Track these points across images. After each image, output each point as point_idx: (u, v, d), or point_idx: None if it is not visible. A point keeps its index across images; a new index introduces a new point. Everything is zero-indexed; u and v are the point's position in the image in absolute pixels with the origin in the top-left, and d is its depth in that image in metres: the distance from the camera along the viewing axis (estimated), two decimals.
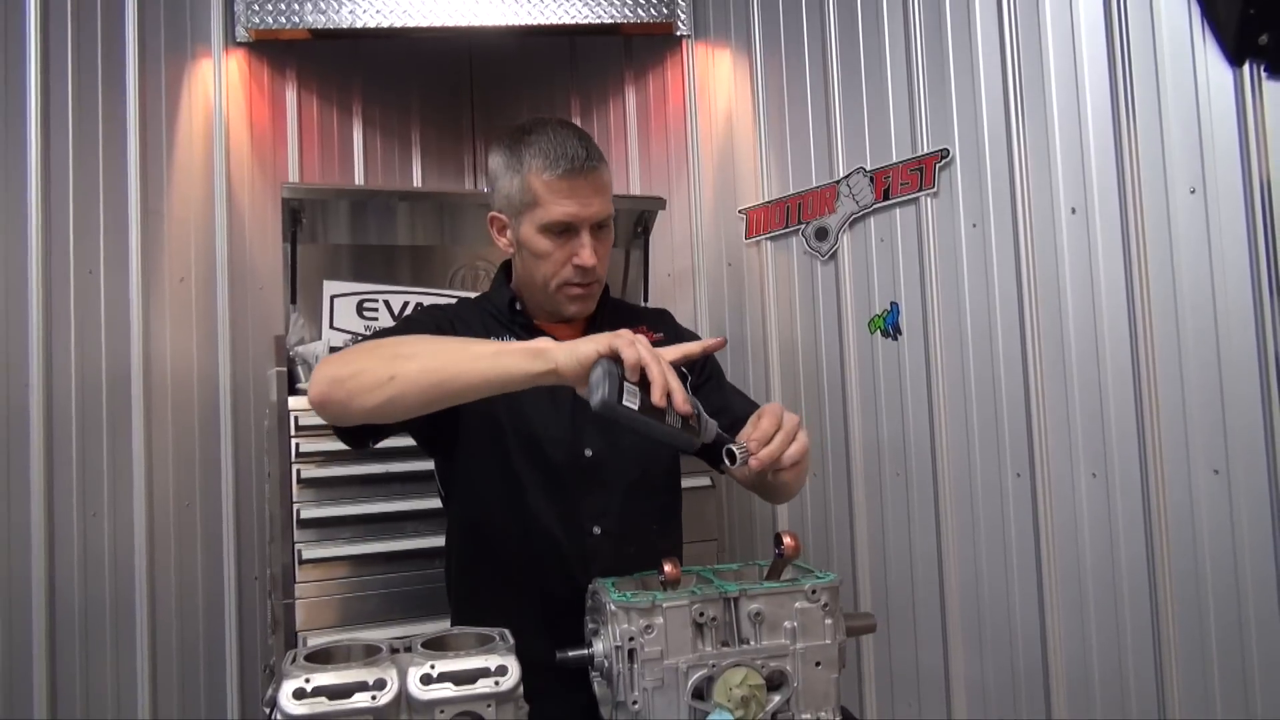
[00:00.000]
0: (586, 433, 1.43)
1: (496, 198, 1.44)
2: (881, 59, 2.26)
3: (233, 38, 2.66)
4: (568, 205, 1.35)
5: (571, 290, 1.42)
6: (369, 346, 1.26)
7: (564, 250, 1.38)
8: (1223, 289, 1.60)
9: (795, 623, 1.12)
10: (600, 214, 1.38)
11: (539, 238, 1.38)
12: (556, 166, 1.34)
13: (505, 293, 1.51)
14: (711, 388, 1.54)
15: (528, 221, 1.39)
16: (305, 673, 0.97)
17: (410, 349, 1.20)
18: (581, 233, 1.37)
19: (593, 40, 3.02)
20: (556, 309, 1.45)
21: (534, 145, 1.36)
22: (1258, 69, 1.56)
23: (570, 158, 1.34)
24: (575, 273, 1.39)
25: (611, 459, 1.43)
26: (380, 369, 1.16)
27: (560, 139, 1.36)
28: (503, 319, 1.49)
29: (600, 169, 1.38)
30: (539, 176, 1.35)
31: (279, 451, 2.10)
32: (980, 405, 2.03)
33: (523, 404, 1.39)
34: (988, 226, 2.01)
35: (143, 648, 2.30)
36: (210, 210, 2.58)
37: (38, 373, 2.11)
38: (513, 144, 1.39)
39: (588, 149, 1.36)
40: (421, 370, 1.16)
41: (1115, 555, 1.77)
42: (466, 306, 1.56)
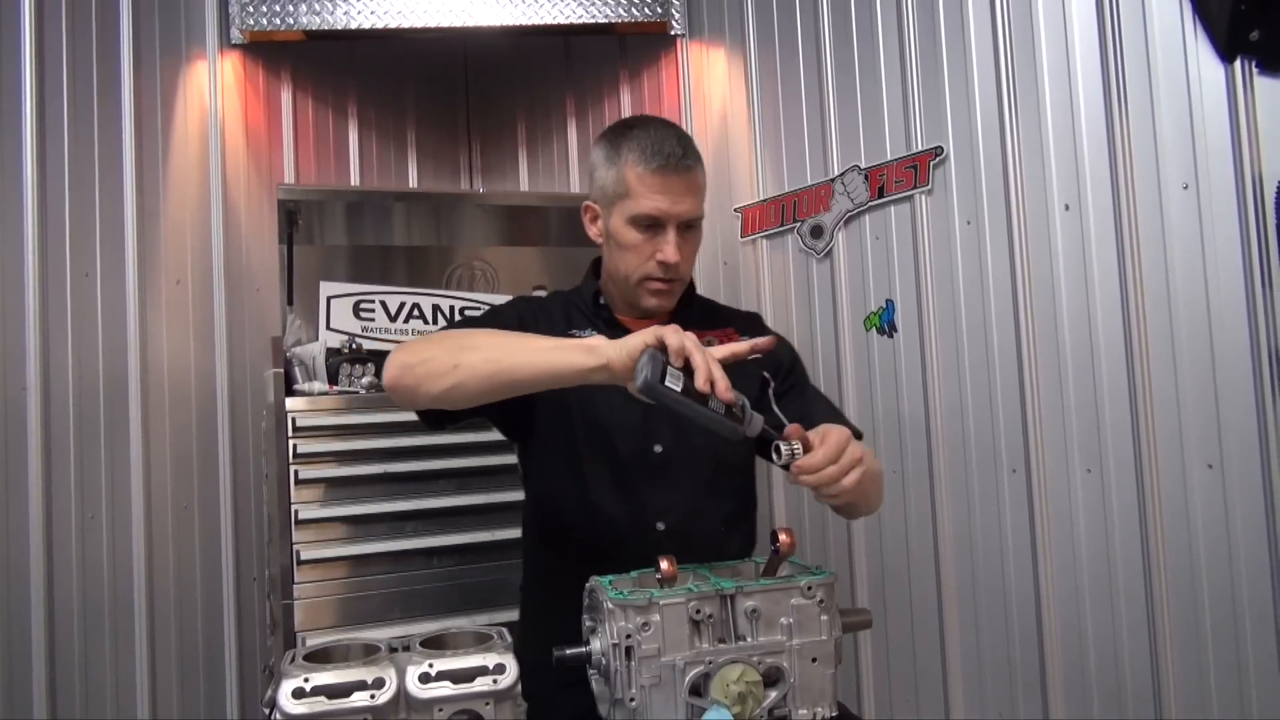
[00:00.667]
0: (657, 429, 1.44)
1: (594, 188, 1.49)
2: (875, 57, 2.27)
3: (227, 40, 2.66)
4: (658, 200, 1.38)
5: (652, 285, 1.44)
6: (441, 336, 1.31)
7: (650, 244, 1.41)
8: (1216, 284, 1.61)
9: (791, 619, 1.13)
10: (689, 213, 1.41)
11: (627, 229, 1.42)
12: (651, 161, 1.38)
13: (591, 286, 1.56)
14: (794, 396, 1.54)
15: (618, 212, 1.43)
16: (304, 672, 0.98)
17: (476, 341, 1.26)
18: (668, 229, 1.40)
19: (587, 40, 3.02)
20: (637, 302, 1.47)
21: (634, 140, 1.41)
22: (1249, 65, 1.57)
23: (666, 154, 1.38)
24: (658, 268, 1.42)
25: (681, 456, 1.44)
26: (446, 358, 1.22)
27: (659, 136, 1.40)
28: (586, 311, 1.53)
29: (695, 169, 1.42)
30: (633, 169, 1.39)
31: (276, 452, 2.10)
32: (975, 402, 2.04)
33: (595, 398, 1.41)
34: (982, 223, 2.01)
35: (142, 649, 2.30)
36: (206, 212, 2.58)
37: (35, 376, 2.11)
38: (614, 138, 1.44)
39: (684, 148, 1.40)
40: (483, 361, 1.21)
41: (1110, 550, 1.78)
42: (555, 299, 1.61)
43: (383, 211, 2.57)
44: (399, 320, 2.44)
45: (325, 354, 2.29)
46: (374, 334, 2.39)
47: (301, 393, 2.18)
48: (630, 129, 1.44)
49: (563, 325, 1.49)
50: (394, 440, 2.16)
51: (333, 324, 2.37)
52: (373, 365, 2.29)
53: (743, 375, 1.49)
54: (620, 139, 1.43)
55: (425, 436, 2.18)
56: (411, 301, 2.46)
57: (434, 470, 2.18)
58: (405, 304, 2.46)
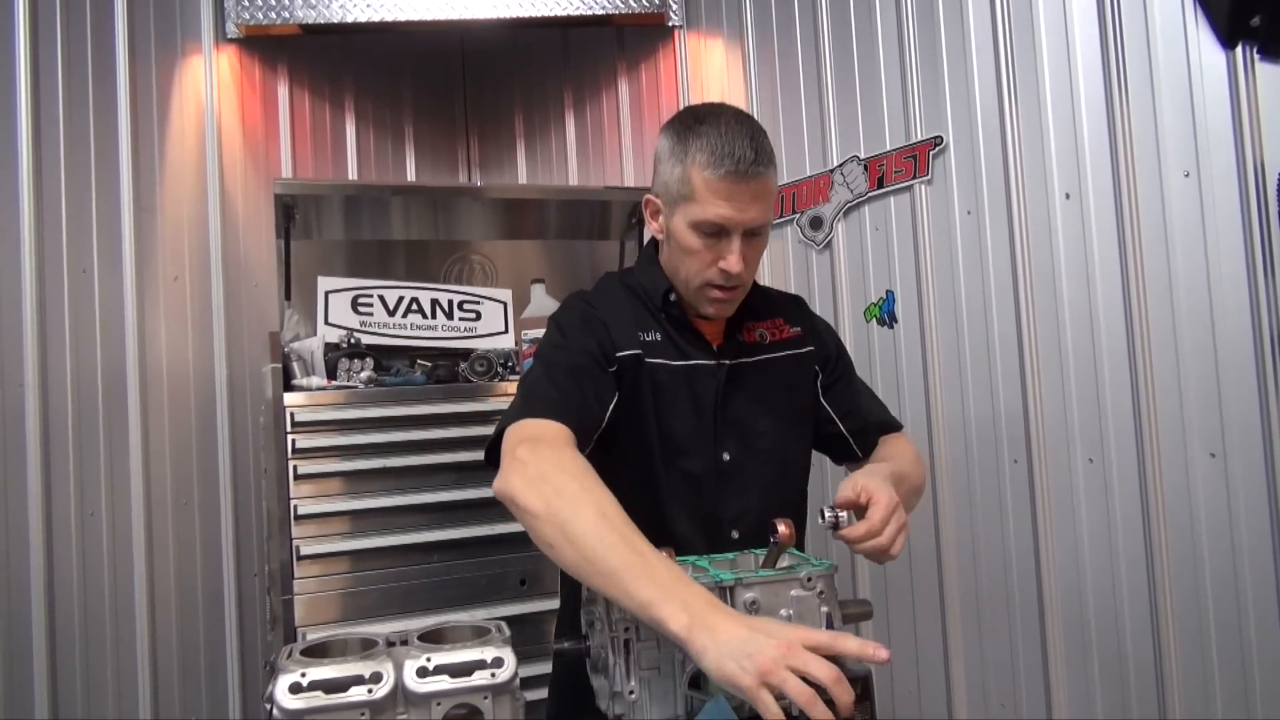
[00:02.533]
0: (725, 437, 1.40)
1: (656, 181, 1.39)
2: (874, 46, 2.26)
3: (223, 34, 2.65)
4: (723, 208, 1.29)
5: (713, 292, 1.36)
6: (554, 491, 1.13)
7: (712, 251, 1.33)
8: (1218, 272, 1.60)
9: (791, 611, 1.12)
10: (756, 221, 1.32)
11: (689, 233, 1.33)
12: (720, 166, 1.27)
13: (660, 280, 1.43)
14: (842, 388, 1.52)
15: (681, 214, 1.33)
16: (301, 667, 0.97)
17: (577, 545, 1.09)
18: (733, 237, 1.31)
19: (585, 31, 3.00)
20: (696, 307, 1.41)
21: (703, 138, 1.30)
22: (1250, 51, 1.56)
23: (737, 159, 1.27)
24: (720, 275, 1.34)
25: (748, 461, 1.41)
26: (546, 535, 1.11)
27: (731, 137, 1.28)
28: (654, 308, 1.43)
29: (766, 175, 1.30)
30: (700, 172, 1.29)
31: (275, 448, 2.10)
32: (976, 392, 2.03)
33: (667, 408, 1.37)
34: (982, 213, 2.00)
35: (143, 647, 2.30)
36: (203, 207, 2.57)
37: (33, 373, 2.11)
38: (682, 131, 1.33)
39: (757, 151, 1.29)
40: (579, 562, 1.09)
41: (1113, 539, 1.78)
42: (613, 297, 1.45)
43: (380, 205, 2.56)
44: (397, 315, 2.43)
45: (324, 349, 2.28)
46: (372, 329, 2.39)
47: (300, 388, 2.17)
48: (700, 123, 1.31)
49: (630, 329, 1.39)
50: (393, 435, 2.16)
51: (331, 319, 2.37)
52: (371, 360, 2.28)
53: (800, 374, 1.48)
54: (689, 134, 1.31)
55: (424, 431, 2.18)
56: (410, 296, 2.46)
57: (433, 465, 2.17)
58: (404, 298, 2.45)
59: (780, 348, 1.47)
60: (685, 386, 1.39)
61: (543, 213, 2.72)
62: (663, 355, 1.39)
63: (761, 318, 1.48)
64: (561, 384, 1.29)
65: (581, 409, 1.27)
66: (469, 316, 2.49)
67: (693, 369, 1.40)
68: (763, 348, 1.46)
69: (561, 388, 1.28)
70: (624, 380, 1.35)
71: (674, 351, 1.40)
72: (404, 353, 2.40)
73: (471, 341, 2.45)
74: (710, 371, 1.40)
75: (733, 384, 1.41)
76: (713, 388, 1.39)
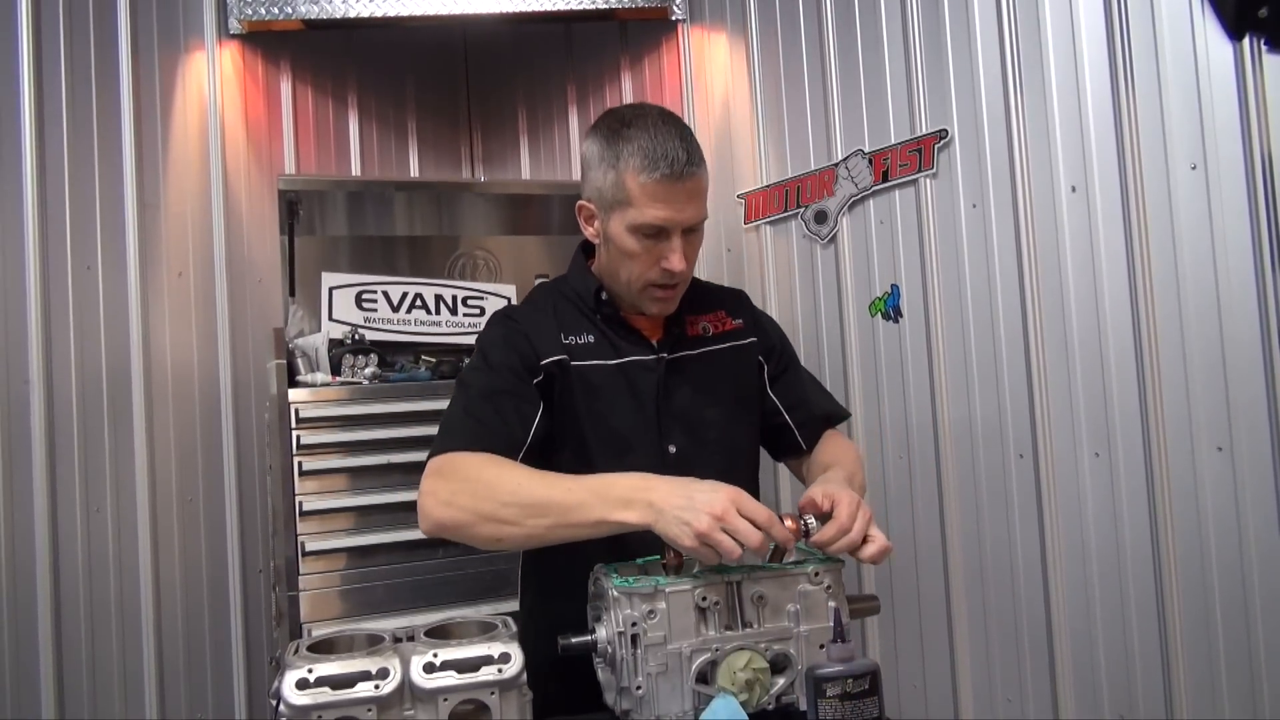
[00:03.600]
0: (670, 430, 1.40)
1: (587, 186, 1.38)
2: (878, 39, 2.25)
3: (226, 30, 2.65)
4: (661, 210, 1.29)
5: (656, 292, 1.36)
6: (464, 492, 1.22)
7: (652, 253, 1.33)
8: (1224, 265, 1.59)
9: (798, 605, 1.12)
10: (693, 219, 1.33)
11: (628, 237, 1.33)
12: (654, 169, 1.28)
13: (590, 280, 1.44)
14: (789, 380, 1.53)
15: (618, 219, 1.33)
16: (308, 663, 0.97)
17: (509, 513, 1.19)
18: (673, 236, 1.32)
19: (588, 26, 3.00)
20: (639, 307, 1.41)
21: (633, 142, 1.30)
22: (1258, 42, 1.55)
23: (670, 160, 1.28)
24: (662, 275, 1.34)
25: (696, 453, 1.41)
26: (487, 530, 1.20)
27: (661, 139, 1.29)
28: (586, 309, 1.44)
29: (699, 173, 1.31)
30: (635, 177, 1.29)
31: (280, 444, 2.10)
32: (982, 386, 2.03)
33: (605, 408, 1.37)
34: (988, 206, 2.00)
35: (149, 643, 2.30)
36: (207, 204, 2.57)
37: (38, 370, 2.11)
38: (610, 136, 1.33)
39: (688, 151, 1.29)
40: (525, 537, 1.20)
41: (1119, 534, 1.77)
42: (538, 306, 1.47)
43: (384, 201, 2.56)
44: (401, 310, 2.43)
45: (328, 345, 2.28)
46: (376, 324, 2.39)
47: (304, 384, 2.17)
48: (628, 126, 1.32)
49: (553, 330, 1.39)
50: (397, 430, 2.16)
51: (335, 315, 2.37)
52: (375, 356, 2.28)
53: (744, 365, 1.49)
54: (617, 139, 1.32)
55: (428, 427, 2.17)
56: (414, 291, 2.46)
57: None
58: (407, 294, 2.45)
59: (723, 339, 1.48)
60: (623, 383, 1.39)
61: (546, 208, 2.72)
62: (595, 356, 1.39)
63: (703, 311, 1.49)
64: (477, 411, 1.31)
65: (497, 433, 1.28)
66: (473, 312, 2.49)
67: (629, 365, 1.39)
68: (705, 340, 1.46)
69: (477, 415, 1.31)
70: (553, 387, 1.36)
71: (609, 350, 1.40)
72: (408, 348, 2.40)
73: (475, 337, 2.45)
74: (648, 366, 1.40)
75: (674, 376, 1.41)
76: (652, 382, 1.39)
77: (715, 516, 1.05)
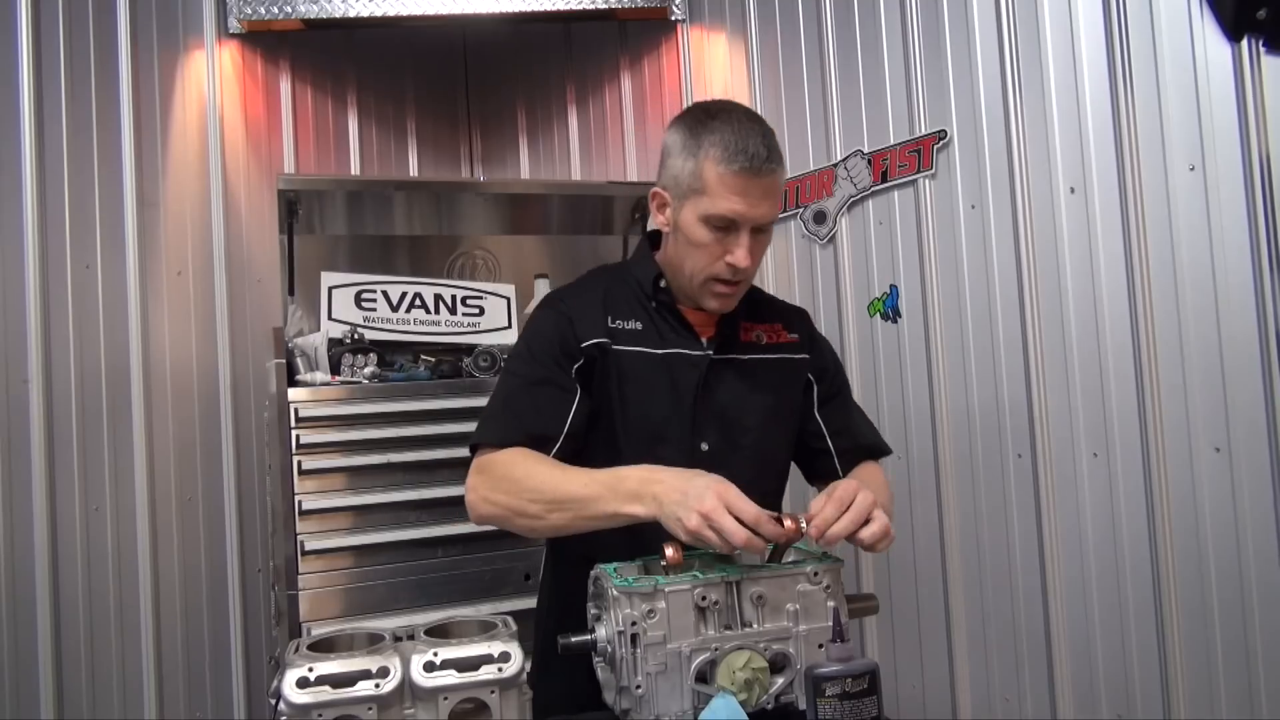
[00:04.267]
0: (704, 427, 1.41)
1: (664, 174, 1.39)
2: (878, 40, 2.25)
3: (225, 29, 2.65)
4: (735, 203, 1.31)
5: (717, 287, 1.38)
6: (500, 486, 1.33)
7: (720, 245, 1.34)
8: (1223, 266, 1.60)
9: (797, 605, 1.12)
10: (765, 217, 1.34)
11: (698, 227, 1.34)
12: (734, 161, 1.29)
13: (651, 267, 1.46)
14: (836, 405, 1.52)
15: (690, 207, 1.35)
16: (308, 661, 0.98)
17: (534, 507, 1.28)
18: (742, 231, 1.33)
19: (587, 26, 3.00)
20: (698, 300, 1.42)
21: (716, 133, 1.31)
22: (1256, 44, 1.55)
23: (750, 155, 1.29)
24: (726, 270, 1.35)
25: (728, 454, 1.41)
26: (520, 523, 1.31)
27: (744, 133, 1.31)
28: (641, 296, 1.45)
29: (777, 172, 1.33)
30: (713, 167, 1.31)
31: (279, 443, 2.10)
32: (981, 387, 2.03)
33: (642, 395, 1.39)
34: (986, 207, 2.00)
35: (148, 642, 2.30)
36: (206, 203, 2.57)
37: (37, 369, 2.11)
38: (694, 125, 1.35)
39: (769, 149, 1.31)
40: (549, 528, 1.30)
41: (1117, 534, 1.77)
42: (587, 288, 1.49)
43: (383, 201, 2.56)
44: (401, 310, 2.43)
45: (327, 344, 2.28)
46: (376, 324, 2.39)
47: (304, 383, 2.17)
48: (713, 119, 1.33)
49: (601, 317, 1.41)
50: (397, 430, 2.16)
51: (334, 314, 2.37)
52: (375, 355, 2.28)
53: (791, 379, 1.49)
54: (701, 129, 1.33)
55: (428, 426, 2.18)
56: (413, 291, 2.46)
57: (437, 460, 2.17)
58: (407, 293, 2.45)
59: (775, 350, 1.48)
60: (664, 374, 1.40)
61: (545, 208, 2.72)
62: (639, 343, 1.41)
63: (762, 321, 1.50)
64: (516, 402, 1.39)
65: (533, 426, 1.35)
66: (472, 312, 2.49)
67: (673, 357, 1.41)
68: (757, 348, 1.47)
69: (515, 407, 1.38)
70: (593, 369, 1.39)
71: (655, 339, 1.41)
72: (407, 348, 2.40)
73: (475, 337, 2.45)
74: (693, 361, 1.41)
75: (717, 376, 1.42)
76: (694, 377, 1.40)
77: (703, 514, 1.09)
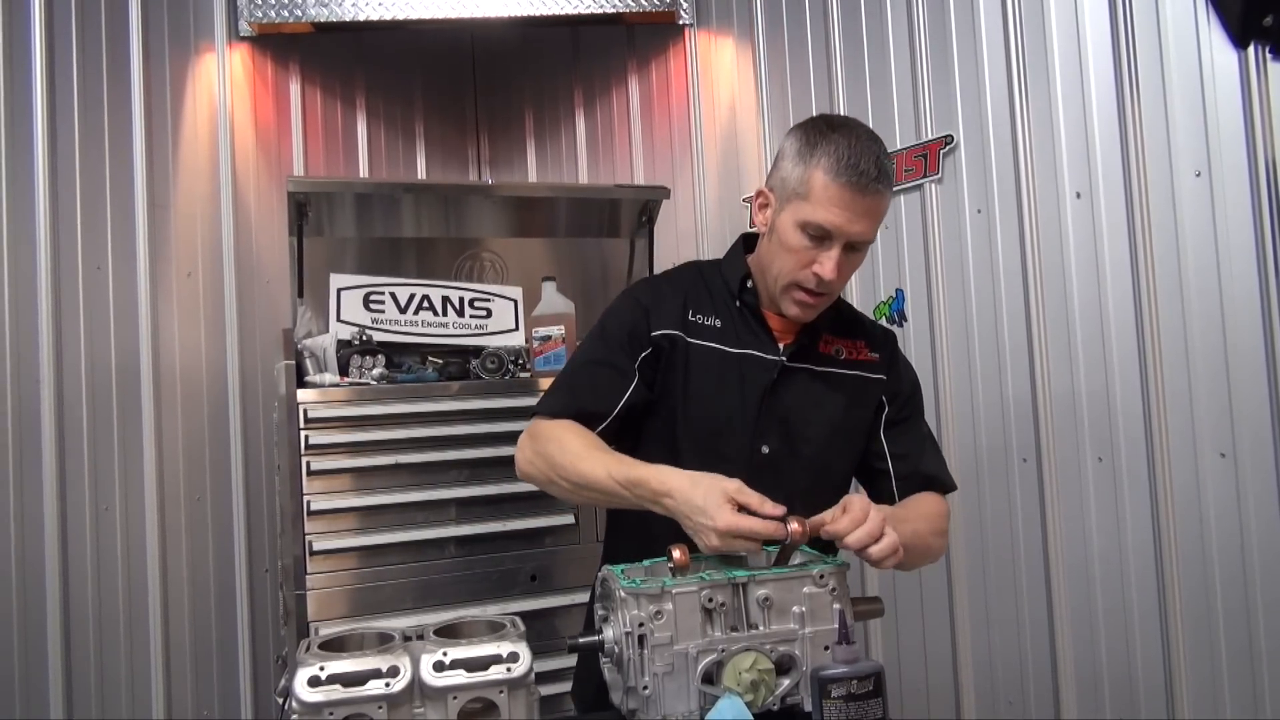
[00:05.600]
0: (767, 430, 1.41)
1: (774, 175, 1.42)
2: (885, 44, 2.26)
3: (236, 32, 2.67)
4: (835, 214, 1.32)
5: (799, 294, 1.39)
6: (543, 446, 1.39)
7: (810, 254, 1.35)
8: (1229, 272, 1.60)
9: (803, 607, 1.13)
10: (862, 236, 1.35)
11: (794, 232, 1.36)
12: (842, 174, 1.31)
13: (741, 267, 1.48)
14: (904, 429, 1.51)
15: (790, 211, 1.36)
16: (320, 660, 0.99)
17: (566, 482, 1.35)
18: (835, 245, 1.34)
19: (595, 30, 3.01)
20: (778, 306, 1.43)
21: (833, 144, 1.33)
22: (1262, 51, 1.55)
23: (860, 171, 1.31)
24: (811, 279, 1.36)
25: (786, 461, 1.42)
26: (553, 490, 1.39)
27: (859, 150, 1.32)
28: (726, 295, 1.47)
29: (883, 193, 1.34)
30: (823, 175, 1.32)
31: (288, 444, 2.11)
32: (986, 391, 2.03)
33: (709, 390, 1.41)
34: (992, 212, 2.01)
35: (156, 642, 2.31)
36: (216, 205, 2.59)
37: (48, 369, 2.13)
38: (814, 134, 1.36)
39: (880, 169, 1.33)
40: (574, 491, 1.37)
41: (1122, 538, 1.78)
42: (673, 280, 1.52)
43: (392, 203, 2.57)
44: (409, 312, 2.44)
45: (336, 346, 2.29)
46: (384, 325, 2.40)
47: (313, 384, 2.18)
48: (834, 130, 1.35)
49: (680, 310, 1.44)
50: (405, 431, 2.17)
51: (343, 316, 2.38)
52: (383, 357, 2.29)
53: (864, 397, 1.48)
54: (819, 137, 1.35)
55: (436, 427, 2.19)
56: (421, 293, 2.47)
57: (446, 461, 2.18)
58: (415, 295, 2.46)
59: (852, 367, 1.48)
60: (735, 373, 1.42)
61: (553, 210, 2.73)
62: (716, 339, 1.43)
63: (845, 336, 1.50)
64: (577, 378, 1.45)
65: (586, 402, 1.41)
66: (480, 314, 2.50)
67: (746, 358, 1.42)
68: (834, 361, 1.47)
69: (574, 383, 1.45)
70: (660, 358, 1.42)
71: (732, 338, 1.44)
72: (416, 350, 2.41)
73: (482, 339, 2.46)
74: (765, 365, 1.42)
75: (788, 382, 1.42)
76: (764, 380, 1.41)
77: (722, 531, 1.15)
